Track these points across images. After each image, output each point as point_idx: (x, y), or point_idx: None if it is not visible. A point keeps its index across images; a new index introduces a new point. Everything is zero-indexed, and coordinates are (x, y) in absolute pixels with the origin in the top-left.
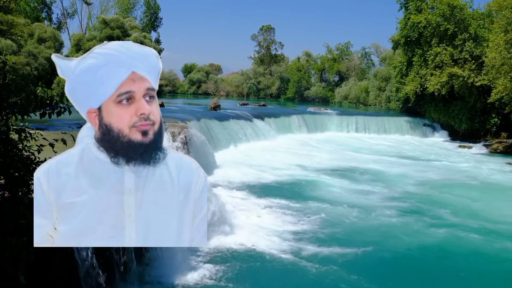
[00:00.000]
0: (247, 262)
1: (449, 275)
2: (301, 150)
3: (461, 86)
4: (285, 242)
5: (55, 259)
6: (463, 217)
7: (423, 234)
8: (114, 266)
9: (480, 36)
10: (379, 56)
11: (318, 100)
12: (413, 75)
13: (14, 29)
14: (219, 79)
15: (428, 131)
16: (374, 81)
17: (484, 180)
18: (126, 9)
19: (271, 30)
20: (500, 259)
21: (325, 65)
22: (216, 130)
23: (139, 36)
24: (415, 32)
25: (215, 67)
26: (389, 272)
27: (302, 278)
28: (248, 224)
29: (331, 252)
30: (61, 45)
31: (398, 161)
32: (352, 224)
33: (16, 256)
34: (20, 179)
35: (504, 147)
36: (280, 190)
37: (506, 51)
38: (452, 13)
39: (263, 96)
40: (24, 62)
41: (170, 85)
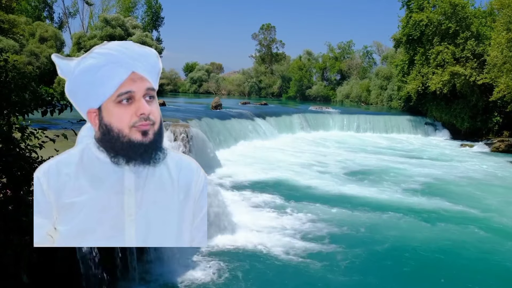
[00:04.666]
0: (248, 262)
1: (449, 274)
2: (303, 149)
3: (463, 84)
4: (287, 241)
5: (57, 257)
6: (463, 216)
7: (425, 232)
8: (115, 264)
9: (482, 35)
10: (380, 54)
11: (320, 99)
12: (414, 74)
13: (16, 28)
14: (220, 78)
15: (429, 130)
16: (376, 80)
17: (486, 179)
18: (127, 9)
19: (272, 29)
20: (505, 258)
21: (326, 64)
22: (217, 129)
23: (141, 35)
24: (417, 31)
25: (217, 66)
26: (389, 271)
27: (303, 277)
28: (249, 223)
29: (333, 251)
30: (62, 44)
31: (399, 160)
32: (355, 223)
33: (18, 255)
34: (22, 178)
35: (506, 146)
36: (282, 189)
37: (508, 49)
38: (454, 12)
39: (264, 95)
40: (26, 61)
41: (171, 84)
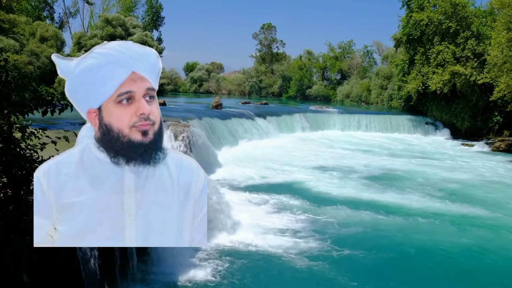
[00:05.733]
0: (248, 261)
1: (449, 272)
2: (303, 148)
3: (463, 84)
4: (287, 241)
5: (58, 257)
6: (464, 215)
7: (428, 232)
8: (115, 264)
9: (482, 34)
10: (381, 54)
11: (320, 99)
12: (415, 74)
13: (16, 28)
14: (220, 78)
15: (430, 130)
16: (376, 80)
17: (486, 178)
18: (127, 8)
19: (272, 28)
20: (506, 256)
21: (327, 63)
22: (218, 128)
23: (141, 35)
24: (417, 30)
25: (217, 65)
26: (389, 271)
27: (304, 277)
28: (250, 223)
29: (334, 251)
30: (63, 44)
31: (400, 159)
32: (356, 223)
33: (19, 254)
34: (23, 178)
35: (506, 145)
36: (283, 189)
37: (508, 49)
38: (454, 11)
39: (264, 94)
40: (26, 61)
41: (171, 83)
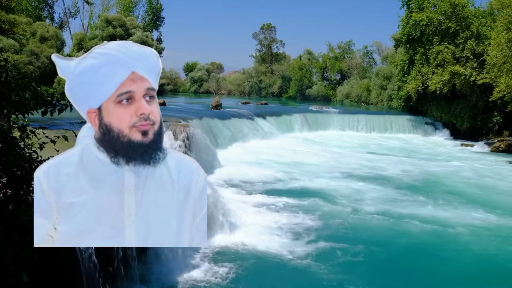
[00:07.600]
0: (248, 261)
1: (450, 272)
2: (303, 148)
3: (463, 84)
4: (288, 241)
5: (58, 257)
6: (465, 215)
7: (427, 233)
8: (116, 264)
9: (482, 34)
10: (380, 54)
11: (320, 99)
12: (415, 74)
13: (16, 28)
14: (220, 78)
15: (430, 130)
16: (376, 80)
17: (487, 178)
18: (127, 8)
19: (272, 28)
20: (506, 258)
21: (326, 63)
22: (218, 129)
23: (141, 35)
24: (417, 31)
25: (217, 65)
26: (388, 271)
27: (304, 277)
28: (250, 223)
29: (334, 251)
30: (63, 44)
31: (400, 159)
32: (356, 223)
33: (19, 254)
34: (23, 178)
35: (506, 146)
36: (283, 189)
37: (508, 49)
38: (454, 11)
39: (264, 94)
40: (26, 61)
41: (171, 83)
